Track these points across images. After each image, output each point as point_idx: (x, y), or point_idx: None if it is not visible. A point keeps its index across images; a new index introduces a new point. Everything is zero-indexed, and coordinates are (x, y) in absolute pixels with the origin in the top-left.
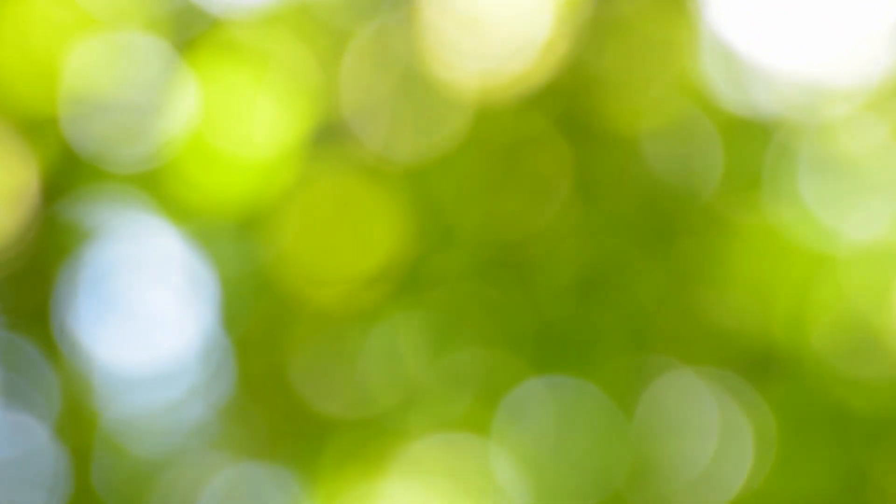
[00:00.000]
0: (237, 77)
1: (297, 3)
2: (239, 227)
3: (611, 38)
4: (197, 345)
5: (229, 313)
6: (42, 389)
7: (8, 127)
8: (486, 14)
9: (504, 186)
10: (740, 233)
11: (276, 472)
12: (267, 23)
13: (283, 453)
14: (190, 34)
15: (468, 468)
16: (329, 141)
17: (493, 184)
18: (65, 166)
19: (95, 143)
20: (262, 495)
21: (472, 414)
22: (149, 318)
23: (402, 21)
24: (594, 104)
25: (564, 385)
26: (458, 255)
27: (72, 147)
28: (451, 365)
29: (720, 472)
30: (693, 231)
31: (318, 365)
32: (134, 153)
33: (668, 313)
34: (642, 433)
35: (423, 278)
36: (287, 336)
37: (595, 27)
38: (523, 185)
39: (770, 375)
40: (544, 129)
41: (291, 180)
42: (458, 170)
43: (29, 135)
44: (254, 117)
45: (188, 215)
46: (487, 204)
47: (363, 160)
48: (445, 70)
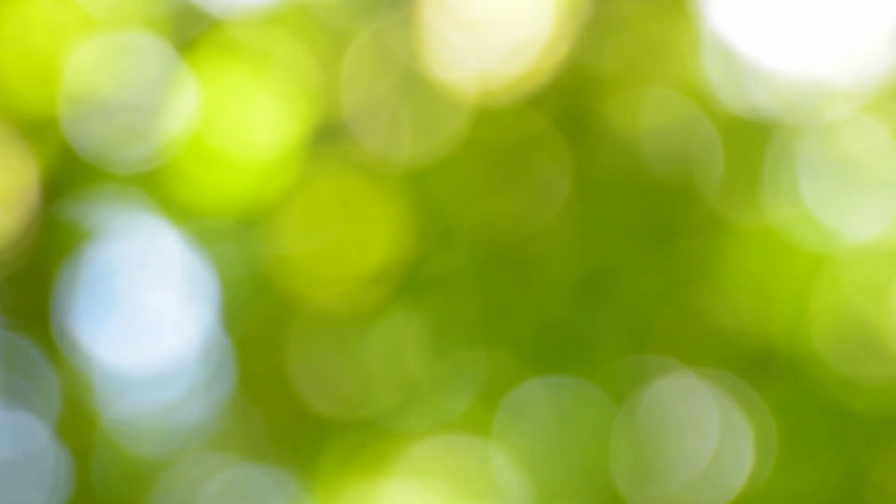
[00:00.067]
0: (237, 77)
1: (297, 3)
2: (239, 228)
3: (611, 38)
4: (197, 345)
5: (229, 313)
6: (42, 389)
7: (8, 127)
8: (486, 15)
9: (504, 186)
10: (740, 233)
11: (276, 472)
12: (267, 23)
13: (283, 454)
14: (190, 34)
15: (468, 469)
16: (329, 141)
17: (493, 184)
18: (65, 166)
19: (95, 144)
20: (262, 496)
21: (472, 414)
22: (149, 319)
23: (402, 21)
24: (594, 104)
25: (564, 385)
26: (458, 255)
27: (72, 147)
28: (451, 365)
29: (720, 473)
30: (693, 231)
31: (318, 365)
32: (134, 153)
33: (667, 313)
34: (642, 433)
35: (423, 278)
36: (287, 336)
37: (595, 27)
38: (523, 185)
39: (770, 376)
40: (544, 129)
41: (291, 180)
42: (458, 170)
43: (29, 135)
44: (254, 117)
45: (188, 215)
46: (487, 204)
47: (363, 160)
48: (445, 70)
